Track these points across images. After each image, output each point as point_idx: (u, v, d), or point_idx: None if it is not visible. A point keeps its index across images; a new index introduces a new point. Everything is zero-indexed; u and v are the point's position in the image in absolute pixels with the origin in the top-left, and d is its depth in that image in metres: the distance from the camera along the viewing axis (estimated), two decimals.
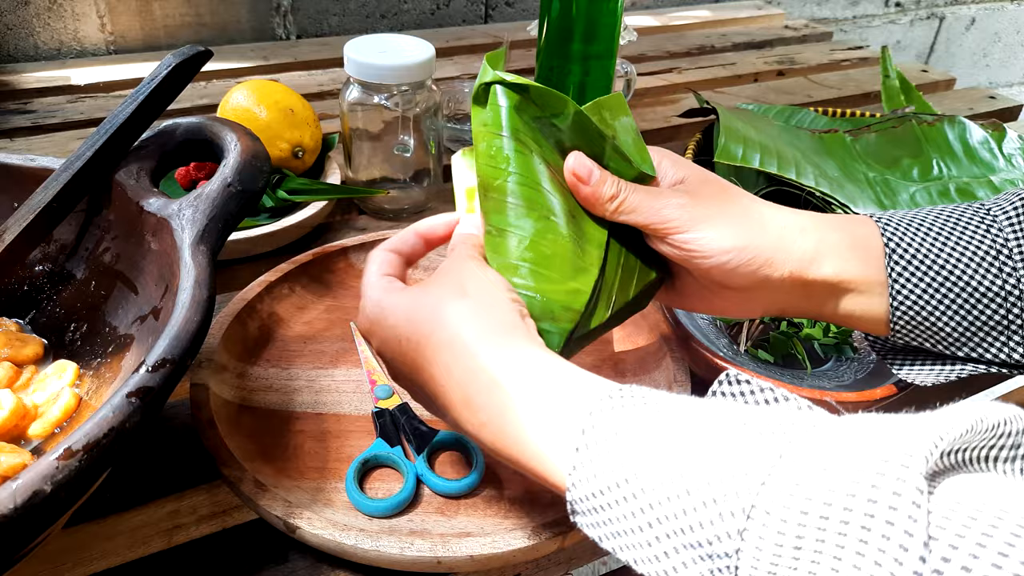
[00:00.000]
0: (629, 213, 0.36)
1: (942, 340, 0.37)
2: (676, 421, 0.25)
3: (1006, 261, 0.35)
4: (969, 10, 1.56)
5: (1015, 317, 0.35)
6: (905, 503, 0.19)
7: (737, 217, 0.36)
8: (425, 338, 0.31)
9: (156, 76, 0.42)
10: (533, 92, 0.35)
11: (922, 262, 0.36)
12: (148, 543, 0.37)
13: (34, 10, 0.86)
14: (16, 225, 0.42)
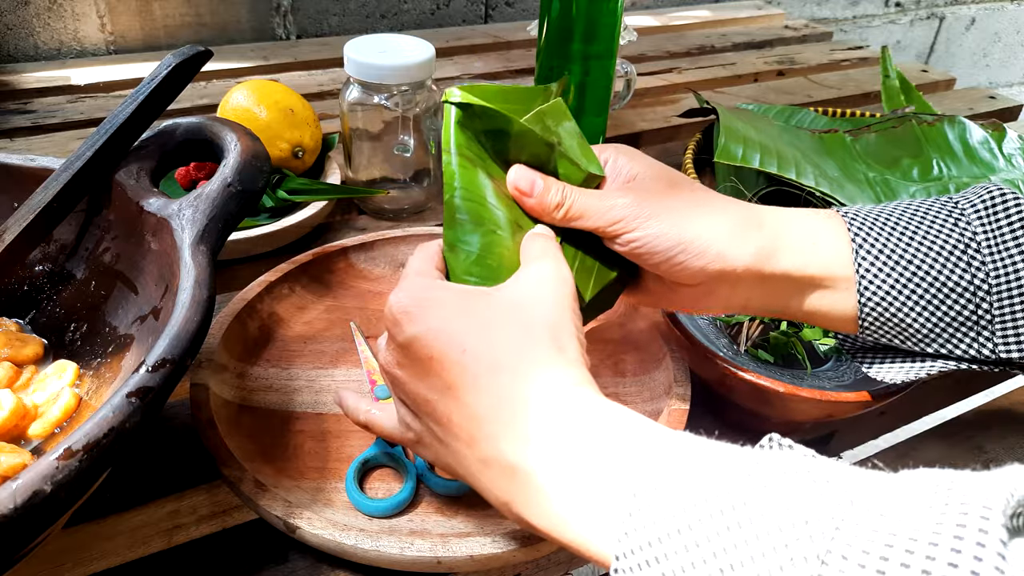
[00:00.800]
0: (578, 218, 0.37)
1: (911, 336, 0.36)
2: (737, 469, 0.24)
3: (974, 255, 0.35)
4: (969, 10, 1.56)
5: (984, 312, 0.35)
6: (990, 553, 0.19)
7: (684, 212, 0.36)
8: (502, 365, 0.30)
9: (156, 76, 0.42)
10: (476, 109, 0.36)
11: (890, 257, 0.36)
12: (148, 543, 0.37)
13: (34, 10, 0.86)
14: (16, 225, 0.42)
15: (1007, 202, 0.35)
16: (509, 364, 0.30)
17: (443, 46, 0.99)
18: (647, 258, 0.36)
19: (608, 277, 0.39)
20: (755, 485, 0.23)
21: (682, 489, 0.24)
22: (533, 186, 0.37)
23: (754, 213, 0.37)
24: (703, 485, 0.24)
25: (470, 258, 0.36)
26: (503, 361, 0.30)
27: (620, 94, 0.80)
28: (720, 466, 0.24)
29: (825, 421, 0.47)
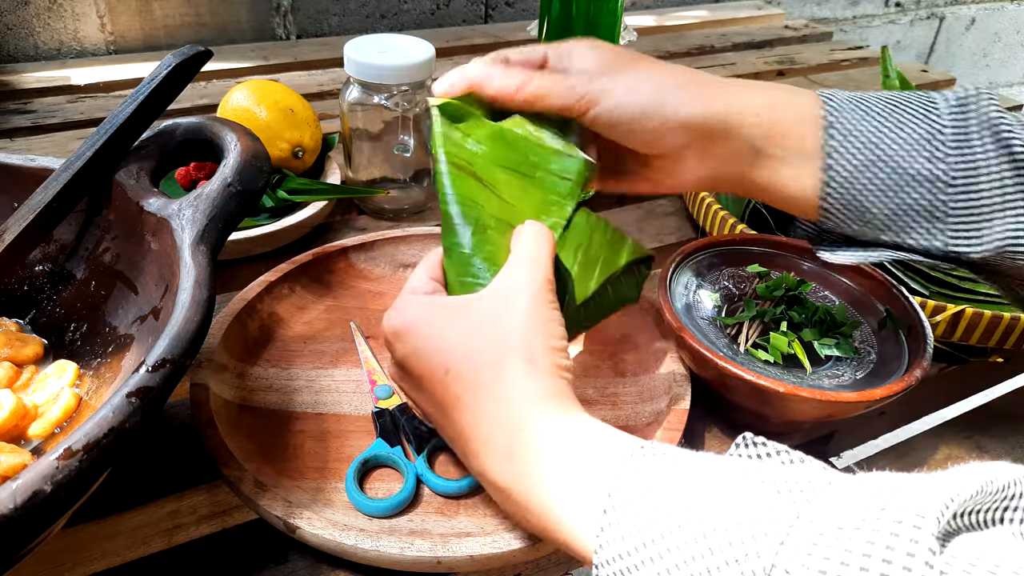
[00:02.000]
0: (541, 99, 0.38)
1: (869, 221, 0.36)
2: (696, 480, 0.26)
3: (938, 146, 0.35)
4: (969, 10, 1.56)
5: (941, 203, 0.35)
6: (918, 563, 0.20)
7: (643, 75, 0.38)
8: (482, 386, 0.32)
9: (156, 76, 0.42)
10: (450, 109, 0.37)
11: (857, 139, 0.36)
12: (148, 543, 0.37)
13: (34, 10, 0.86)
14: (16, 225, 0.42)
15: (980, 102, 0.35)
16: (484, 383, 0.31)
17: (443, 46, 0.99)
18: (615, 130, 0.38)
19: (616, 265, 0.39)
20: (712, 499, 0.24)
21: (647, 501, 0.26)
22: (490, 76, 0.38)
23: (717, 80, 0.39)
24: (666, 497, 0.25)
25: (463, 259, 0.36)
26: (479, 380, 0.31)
27: None
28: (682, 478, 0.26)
29: (825, 421, 0.47)
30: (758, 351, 0.47)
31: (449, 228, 0.36)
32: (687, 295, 0.50)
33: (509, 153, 0.38)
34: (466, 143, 0.37)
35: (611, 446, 0.29)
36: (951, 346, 0.53)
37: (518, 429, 0.30)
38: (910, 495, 0.21)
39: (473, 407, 0.31)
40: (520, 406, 0.31)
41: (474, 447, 0.32)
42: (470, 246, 0.36)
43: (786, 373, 0.45)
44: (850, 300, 0.50)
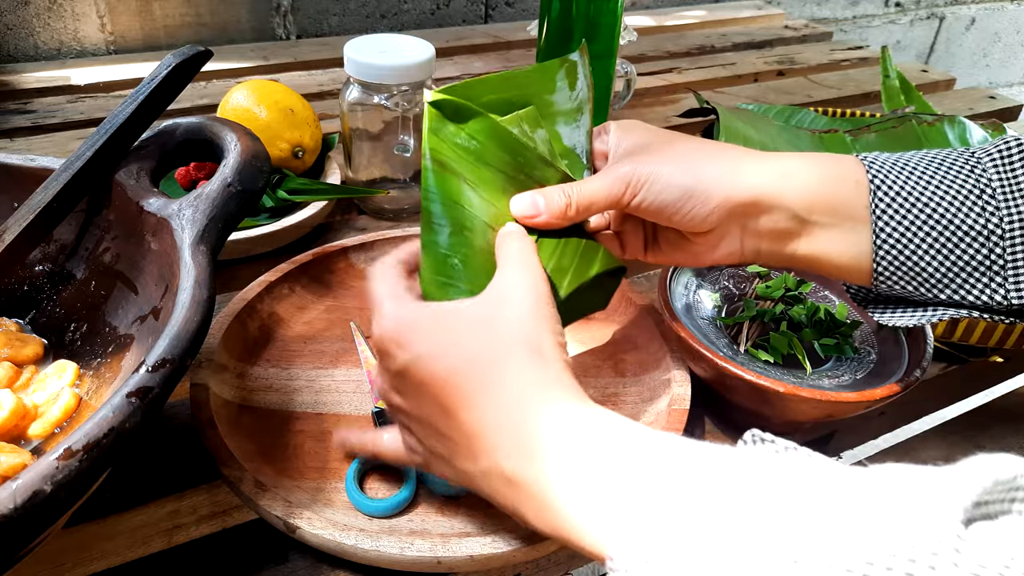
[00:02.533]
0: (588, 207, 0.38)
1: (925, 281, 0.36)
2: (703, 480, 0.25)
3: (989, 200, 0.35)
4: (969, 10, 1.56)
5: (997, 257, 0.35)
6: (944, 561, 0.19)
7: (683, 162, 0.37)
8: (487, 382, 0.31)
9: (156, 76, 0.42)
10: (447, 106, 0.37)
11: (906, 199, 0.36)
12: (148, 543, 0.37)
13: (34, 10, 0.86)
14: (16, 225, 0.42)
15: (1023, 150, 0.35)
16: (492, 377, 0.31)
17: (443, 46, 0.99)
18: (658, 215, 0.38)
19: (586, 275, 0.39)
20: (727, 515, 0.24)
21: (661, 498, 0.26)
22: (535, 205, 0.38)
23: (756, 153, 0.38)
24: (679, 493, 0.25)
25: (439, 258, 0.36)
26: (490, 378, 0.31)
27: (620, 94, 0.80)
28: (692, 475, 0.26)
29: (825, 421, 0.47)
30: (758, 351, 0.47)
31: (428, 225, 0.36)
32: (687, 295, 0.50)
33: (500, 152, 0.38)
34: (457, 138, 0.37)
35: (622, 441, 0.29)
36: (951, 346, 0.53)
37: (526, 418, 0.30)
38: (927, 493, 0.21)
39: (481, 403, 0.31)
40: (528, 395, 0.31)
41: (482, 444, 0.31)
42: (447, 246, 0.37)
43: (786, 373, 0.45)
44: (850, 300, 0.50)
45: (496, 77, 0.38)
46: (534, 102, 0.40)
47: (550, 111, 0.41)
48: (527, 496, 0.30)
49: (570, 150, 0.41)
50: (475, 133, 0.37)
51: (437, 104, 0.37)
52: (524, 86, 0.39)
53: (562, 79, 0.40)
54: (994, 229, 0.35)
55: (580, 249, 0.40)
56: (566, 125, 0.41)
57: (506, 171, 0.38)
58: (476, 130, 0.37)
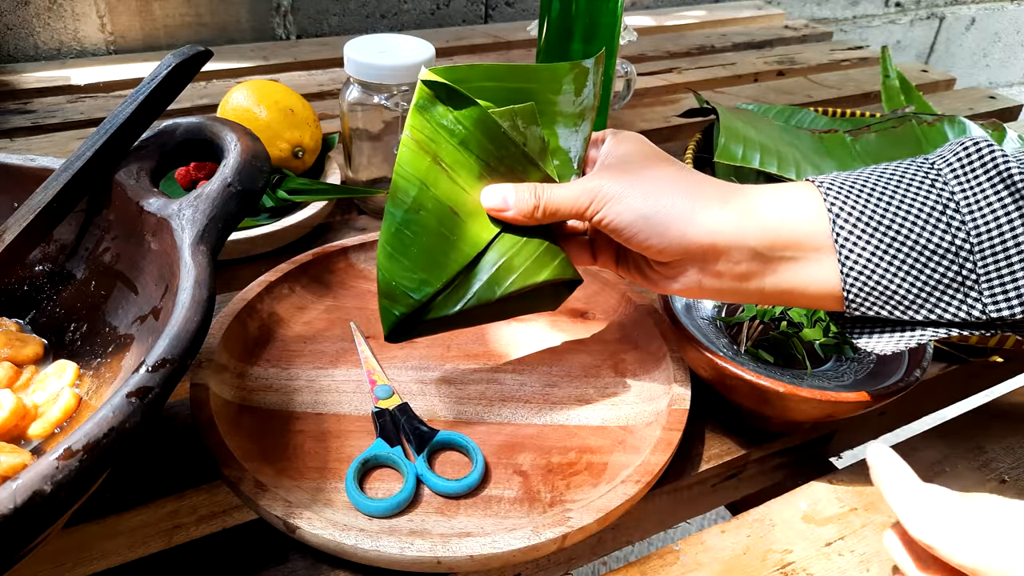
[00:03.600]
0: (554, 212, 0.38)
1: (899, 304, 0.36)
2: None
3: (953, 215, 0.34)
4: (969, 10, 1.56)
5: (969, 272, 0.34)
6: None
7: (649, 189, 0.37)
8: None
9: (156, 76, 0.42)
10: (443, 90, 0.37)
11: (868, 223, 0.35)
12: (148, 543, 0.37)
13: (34, 10, 0.86)
14: (16, 225, 0.42)
15: (983, 155, 0.34)
16: None
17: (443, 46, 0.99)
18: (616, 235, 0.38)
19: (532, 280, 0.40)
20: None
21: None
22: (504, 200, 0.38)
23: (720, 189, 0.37)
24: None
25: (391, 230, 0.38)
26: None
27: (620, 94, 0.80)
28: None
29: (825, 421, 0.47)
30: (758, 351, 0.47)
31: (392, 196, 0.38)
32: None
33: (485, 141, 0.38)
34: (444, 119, 0.37)
35: None
36: (951, 346, 0.53)
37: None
38: None
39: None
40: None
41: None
42: (401, 220, 0.38)
43: (786, 373, 0.45)
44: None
45: (503, 66, 0.38)
46: (537, 99, 0.40)
47: (552, 111, 0.41)
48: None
49: (564, 151, 0.41)
50: (462, 118, 0.37)
51: (430, 84, 0.37)
52: (530, 80, 0.39)
53: (569, 83, 0.40)
54: (962, 244, 0.34)
55: (537, 253, 0.40)
56: (565, 127, 0.41)
57: (487, 160, 0.38)
58: (465, 116, 0.37)
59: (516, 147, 0.38)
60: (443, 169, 0.38)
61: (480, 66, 0.38)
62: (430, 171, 0.38)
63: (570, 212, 0.38)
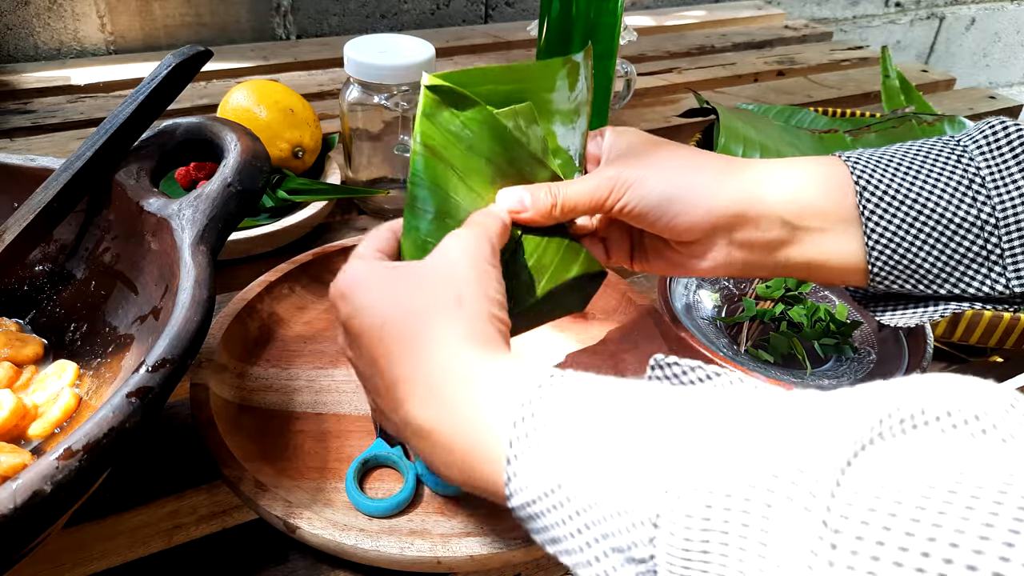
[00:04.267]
0: (572, 209, 0.38)
1: (923, 278, 0.36)
2: (598, 420, 0.26)
3: (979, 190, 0.34)
4: (969, 10, 1.56)
5: (994, 247, 0.34)
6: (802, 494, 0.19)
7: (667, 168, 0.37)
8: (409, 331, 0.32)
9: (156, 76, 0.42)
10: (443, 92, 0.36)
11: (894, 197, 0.35)
12: (148, 543, 0.37)
13: (34, 10, 0.86)
14: (16, 225, 0.42)
15: (1009, 133, 0.34)
16: (415, 329, 0.31)
17: (443, 46, 0.99)
18: (641, 220, 0.37)
19: (565, 276, 0.39)
20: (609, 441, 0.25)
21: (552, 447, 0.26)
22: (521, 202, 0.38)
23: (741, 162, 0.37)
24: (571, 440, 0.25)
25: (418, 242, 0.37)
26: (411, 327, 0.31)
27: (620, 94, 0.80)
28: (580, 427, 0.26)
29: None
30: (758, 351, 0.47)
31: (412, 209, 0.37)
32: (687, 295, 0.50)
33: (493, 143, 0.38)
34: (451, 125, 0.37)
35: (523, 379, 0.28)
36: (951, 346, 0.53)
37: (440, 369, 0.30)
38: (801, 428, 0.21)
39: (401, 354, 0.31)
40: (444, 345, 0.31)
41: (400, 393, 0.31)
42: (427, 231, 0.37)
43: (786, 373, 0.45)
44: (850, 300, 0.50)
45: (497, 68, 0.38)
46: (532, 98, 0.39)
47: (548, 109, 0.40)
48: (435, 445, 0.30)
49: (564, 150, 0.41)
50: (469, 122, 0.37)
51: (434, 88, 0.36)
52: (524, 80, 0.39)
53: (563, 78, 0.40)
54: (987, 219, 0.34)
55: (562, 249, 0.40)
56: (562, 125, 0.41)
57: (497, 163, 0.38)
58: (470, 119, 0.37)
59: (523, 147, 0.38)
60: (458, 175, 0.37)
61: (475, 70, 0.38)
62: (447, 178, 0.37)
63: (589, 206, 0.38)
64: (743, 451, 0.21)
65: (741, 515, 0.20)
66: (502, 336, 0.32)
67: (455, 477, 0.30)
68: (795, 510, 0.19)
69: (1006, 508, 0.17)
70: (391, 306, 0.32)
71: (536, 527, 0.27)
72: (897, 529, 0.18)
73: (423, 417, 0.30)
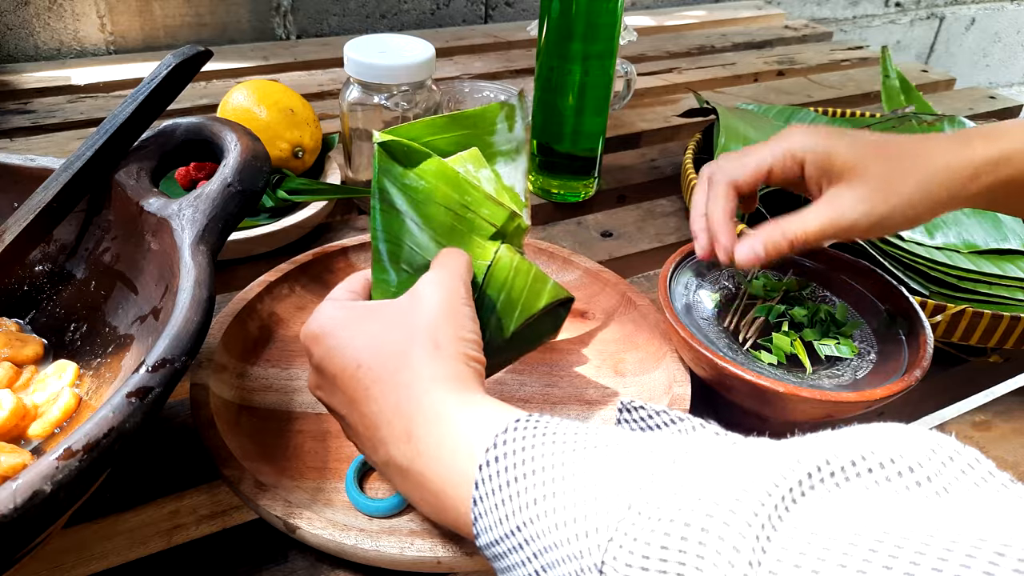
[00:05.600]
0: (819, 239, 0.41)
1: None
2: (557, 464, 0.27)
3: None
4: (969, 10, 1.56)
5: None
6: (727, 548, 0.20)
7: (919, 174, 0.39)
8: (388, 374, 0.32)
9: (156, 76, 0.42)
10: (395, 147, 0.38)
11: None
12: (148, 543, 0.37)
13: (34, 10, 0.86)
14: (16, 225, 0.42)
15: None
16: (391, 371, 0.32)
17: (443, 46, 0.99)
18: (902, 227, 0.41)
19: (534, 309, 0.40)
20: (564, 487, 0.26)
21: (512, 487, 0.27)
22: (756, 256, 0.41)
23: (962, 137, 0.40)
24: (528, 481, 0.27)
25: (388, 295, 0.39)
26: (387, 369, 0.32)
27: (620, 94, 0.80)
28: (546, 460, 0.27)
29: (825, 421, 0.47)
30: (759, 352, 0.47)
31: (378, 263, 0.38)
32: (687, 295, 0.50)
33: (449, 191, 0.39)
34: (406, 178, 0.39)
35: (492, 423, 0.29)
36: (951, 346, 0.53)
37: (417, 410, 0.31)
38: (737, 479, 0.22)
39: (378, 396, 0.32)
40: (420, 388, 0.31)
41: (380, 435, 0.32)
42: (395, 283, 0.39)
43: (786, 373, 0.45)
44: (850, 300, 0.50)
45: (441, 119, 0.40)
46: (475, 143, 0.41)
47: (490, 151, 0.42)
48: (413, 483, 0.31)
49: (510, 188, 0.43)
50: (423, 174, 0.39)
51: (385, 145, 0.38)
52: (467, 127, 0.41)
53: (502, 121, 0.42)
54: None
55: (529, 281, 0.41)
56: (505, 164, 0.43)
57: (454, 209, 0.39)
58: (424, 171, 0.39)
59: (477, 190, 0.39)
60: (418, 226, 0.39)
61: (420, 123, 0.39)
62: (407, 230, 0.39)
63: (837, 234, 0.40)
64: (679, 501, 0.23)
65: (676, 567, 0.21)
66: (477, 376, 0.33)
67: (429, 514, 0.32)
68: (722, 563, 0.20)
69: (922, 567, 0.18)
70: (367, 347, 0.33)
71: (501, 566, 0.28)
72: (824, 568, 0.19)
73: (400, 455, 0.31)
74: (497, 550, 0.27)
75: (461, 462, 0.29)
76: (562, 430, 0.28)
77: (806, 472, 0.21)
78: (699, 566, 0.21)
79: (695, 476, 0.23)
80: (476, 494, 0.28)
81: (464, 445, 0.29)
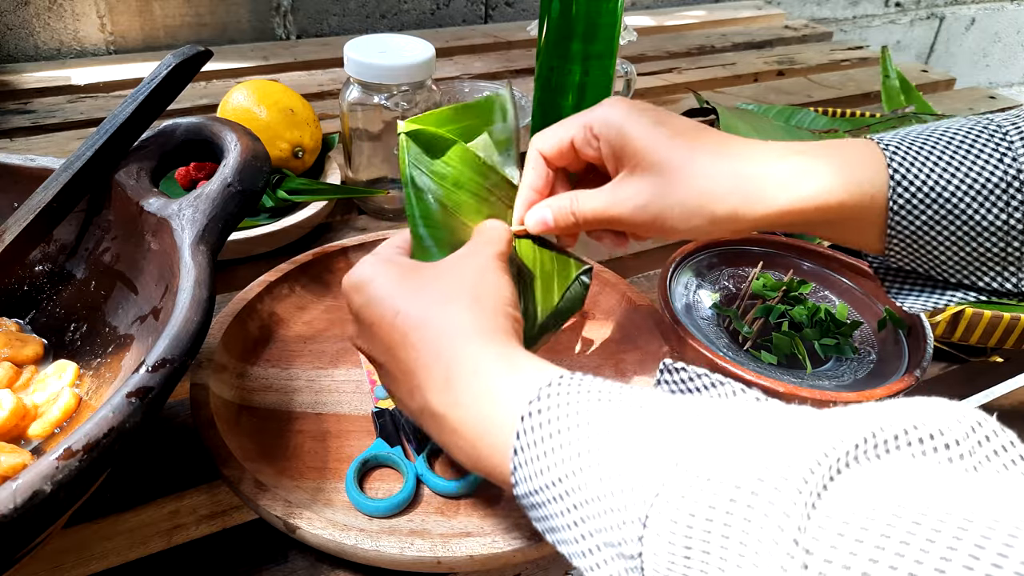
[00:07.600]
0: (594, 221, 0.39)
1: (937, 267, 0.36)
2: (601, 421, 0.27)
3: (1015, 195, 0.34)
4: (969, 10, 1.56)
5: (1014, 250, 0.35)
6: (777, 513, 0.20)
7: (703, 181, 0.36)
8: (425, 321, 0.33)
9: (156, 76, 0.42)
10: (421, 136, 0.39)
11: (927, 195, 0.35)
12: (148, 543, 0.37)
13: (34, 10, 0.86)
14: (16, 225, 0.42)
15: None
16: (431, 319, 0.33)
17: (443, 46, 0.99)
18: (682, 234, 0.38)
19: (569, 278, 0.42)
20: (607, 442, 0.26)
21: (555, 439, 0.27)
22: (544, 223, 0.40)
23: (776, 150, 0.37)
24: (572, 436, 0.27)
25: None
26: (427, 317, 0.33)
27: (620, 94, 0.80)
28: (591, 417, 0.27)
29: None
30: (760, 351, 0.47)
31: (420, 248, 0.39)
32: (687, 295, 0.50)
33: (474, 175, 0.40)
34: (434, 165, 0.39)
35: (537, 376, 0.29)
36: (951, 346, 0.53)
37: (456, 359, 0.31)
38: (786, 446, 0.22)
39: (417, 342, 0.32)
40: (460, 337, 0.32)
41: (416, 380, 0.32)
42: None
43: (786, 373, 0.45)
44: (850, 300, 0.50)
45: (447, 110, 0.41)
46: (481, 131, 0.43)
47: (492, 139, 0.43)
48: (449, 430, 0.31)
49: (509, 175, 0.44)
50: (449, 160, 0.40)
51: (412, 134, 0.39)
52: (471, 117, 0.42)
53: (498, 111, 0.43)
54: (1015, 225, 0.34)
55: (554, 257, 0.42)
56: (499, 154, 0.44)
57: (479, 193, 0.41)
58: (450, 157, 0.40)
59: (496, 173, 0.41)
60: (448, 210, 0.39)
61: (436, 112, 0.40)
62: (442, 215, 0.39)
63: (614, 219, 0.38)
64: (728, 463, 0.22)
65: (722, 527, 0.21)
66: (515, 331, 0.33)
67: (463, 461, 0.32)
68: (771, 527, 0.20)
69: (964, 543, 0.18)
70: (406, 296, 0.34)
71: (537, 515, 0.28)
72: (862, 555, 0.19)
73: (437, 402, 0.31)
74: (535, 499, 0.27)
75: (501, 412, 0.29)
76: (607, 388, 0.28)
77: (854, 443, 0.21)
78: (746, 529, 0.21)
79: (744, 441, 0.23)
80: (517, 444, 0.28)
81: (505, 396, 0.29)
